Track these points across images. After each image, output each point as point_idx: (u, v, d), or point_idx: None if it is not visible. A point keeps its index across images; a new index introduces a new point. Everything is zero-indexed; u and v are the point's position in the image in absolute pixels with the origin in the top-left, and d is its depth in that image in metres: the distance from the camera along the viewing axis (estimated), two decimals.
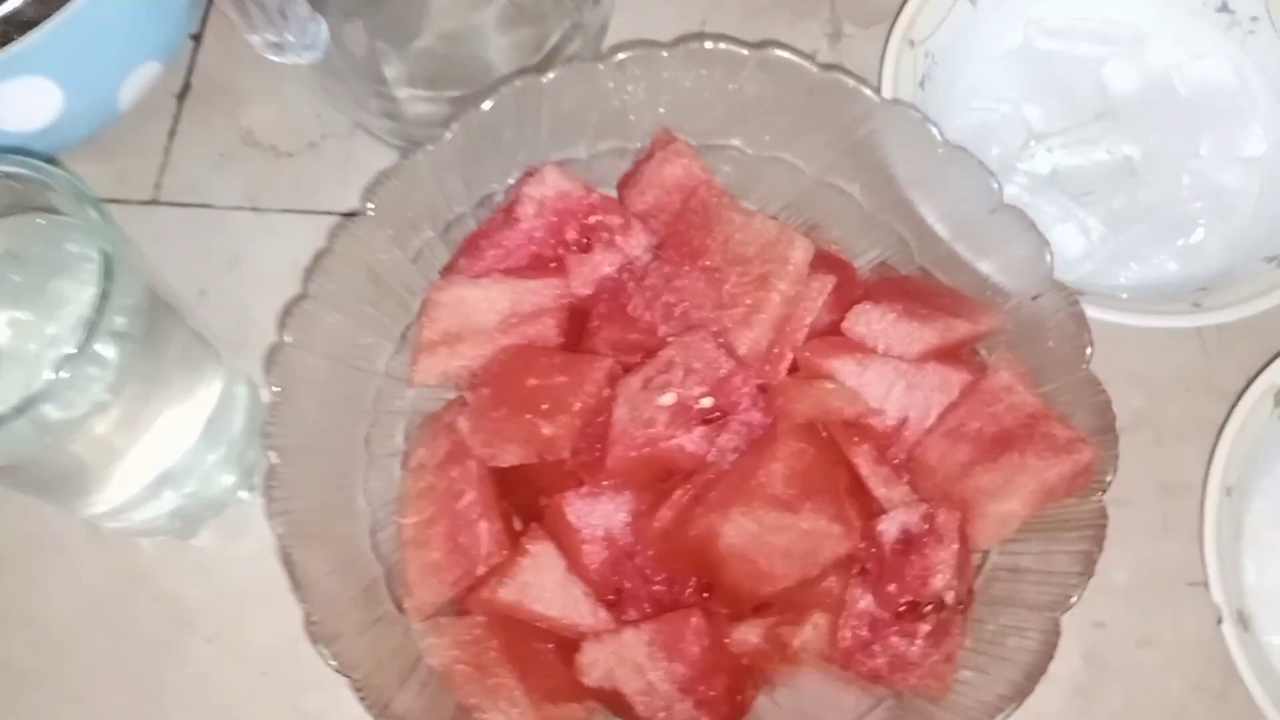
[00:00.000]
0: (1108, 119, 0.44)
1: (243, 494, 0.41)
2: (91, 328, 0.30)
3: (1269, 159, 0.43)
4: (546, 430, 0.34)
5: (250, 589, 0.40)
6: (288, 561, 0.31)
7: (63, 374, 0.30)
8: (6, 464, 0.33)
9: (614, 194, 0.40)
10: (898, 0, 0.48)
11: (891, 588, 0.32)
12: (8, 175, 0.32)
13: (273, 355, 0.34)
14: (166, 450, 0.37)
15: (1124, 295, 0.41)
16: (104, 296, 0.31)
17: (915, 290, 0.37)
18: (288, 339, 0.34)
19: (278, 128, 0.47)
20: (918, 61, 0.42)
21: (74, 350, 0.30)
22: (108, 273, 0.31)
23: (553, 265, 0.38)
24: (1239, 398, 0.38)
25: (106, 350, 0.31)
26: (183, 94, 0.48)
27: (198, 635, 0.40)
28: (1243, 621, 0.36)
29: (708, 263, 0.36)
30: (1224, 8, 0.44)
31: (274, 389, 0.33)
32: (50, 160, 0.33)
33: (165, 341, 0.35)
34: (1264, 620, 0.37)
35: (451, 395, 0.39)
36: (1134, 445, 0.42)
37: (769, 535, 0.32)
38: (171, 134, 0.47)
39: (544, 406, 0.34)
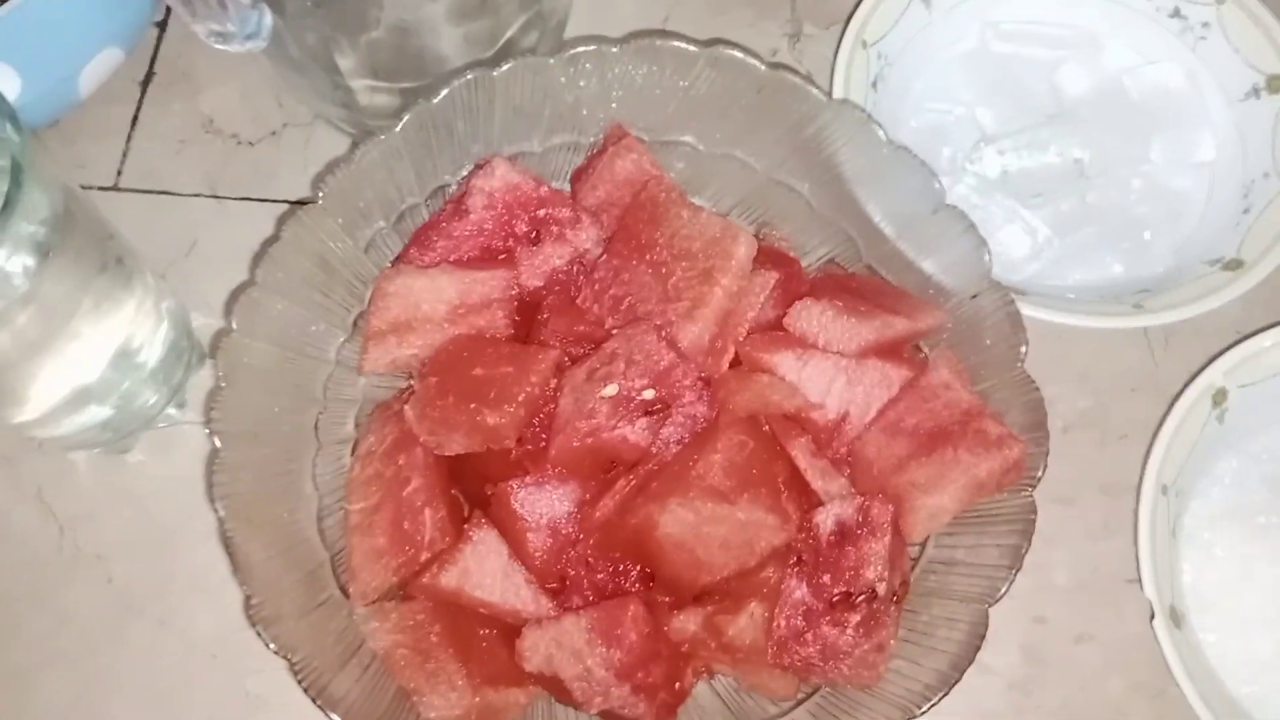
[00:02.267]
0: (1059, 122, 0.45)
1: (172, 411, 0.42)
2: None
3: (1218, 164, 0.44)
4: (491, 419, 0.34)
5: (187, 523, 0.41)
6: (228, 545, 0.32)
7: None
8: None
9: (568, 187, 0.41)
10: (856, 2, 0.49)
11: (825, 578, 0.33)
12: None
13: (218, 342, 0.34)
14: (85, 364, 0.38)
15: (1071, 296, 0.42)
16: (7, 203, 0.31)
17: (858, 287, 0.37)
18: (234, 325, 0.34)
19: (239, 116, 0.48)
20: (870, 62, 0.43)
21: None
22: (15, 181, 0.31)
23: (502, 257, 0.38)
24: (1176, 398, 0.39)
25: (17, 257, 0.32)
26: (146, 81, 0.48)
27: (146, 617, 0.40)
28: (1175, 618, 0.36)
29: (655, 257, 0.37)
30: (1176, 13, 0.45)
31: (219, 375, 0.34)
32: None
33: (83, 258, 0.36)
34: (1199, 618, 0.38)
35: (403, 384, 0.39)
36: (1078, 444, 0.43)
37: (707, 525, 0.33)
38: (133, 121, 0.48)
39: (490, 395, 0.35)
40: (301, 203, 0.46)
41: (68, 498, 0.42)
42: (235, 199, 0.46)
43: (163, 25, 0.49)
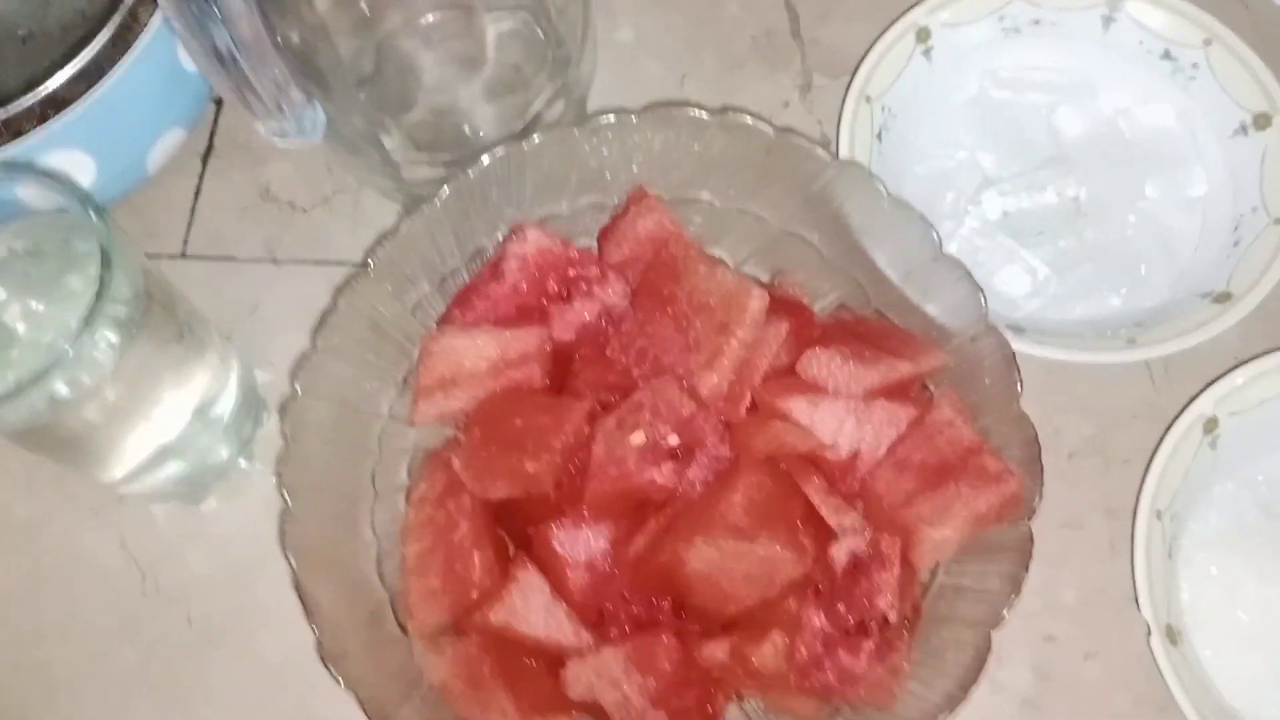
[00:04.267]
0: (1057, 163, 0.47)
1: (242, 463, 0.46)
2: (92, 314, 0.35)
3: (1210, 199, 0.46)
4: (530, 467, 0.38)
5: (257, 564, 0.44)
6: (300, 591, 0.35)
7: (69, 353, 0.34)
8: (26, 429, 0.37)
9: (594, 245, 0.44)
10: (865, 49, 0.52)
11: (841, 607, 0.36)
12: (25, 182, 0.37)
13: (285, 405, 0.38)
14: (166, 425, 0.41)
15: (1071, 331, 0.45)
16: (102, 286, 0.35)
17: (866, 332, 0.40)
18: (298, 390, 0.38)
19: (294, 184, 0.52)
20: (875, 115, 0.46)
21: (78, 333, 0.34)
22: (105, 265, 0.35)
23: (537, 315, 0.42)
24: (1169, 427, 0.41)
25: (107, 335, 0.36)
26: (206, 154, 0.52)
27: (223, 649, 0.44)
28: (1172, 636, 0.39)
29: (676, 310, 0.40)
30: (1166, 55, 0.47)
31: (286, 436, 0.37)
32: None
33: (160, 330, 0.39)
34: (1197, 635, 0.40)
35: (450, 433, 0.43)
36: (1084, 471, 0.45)
37: (730, 561, 0.36)
38: (197, 192, 0.52)
39: (529, 445, 0.38)
40: (355, 264, 0.50)
41: (148, 545, 0.45)
42: (293, 262, 0.50)
43: (219, 102, 0.53)
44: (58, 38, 0.46)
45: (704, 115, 0.41)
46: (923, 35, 0.47)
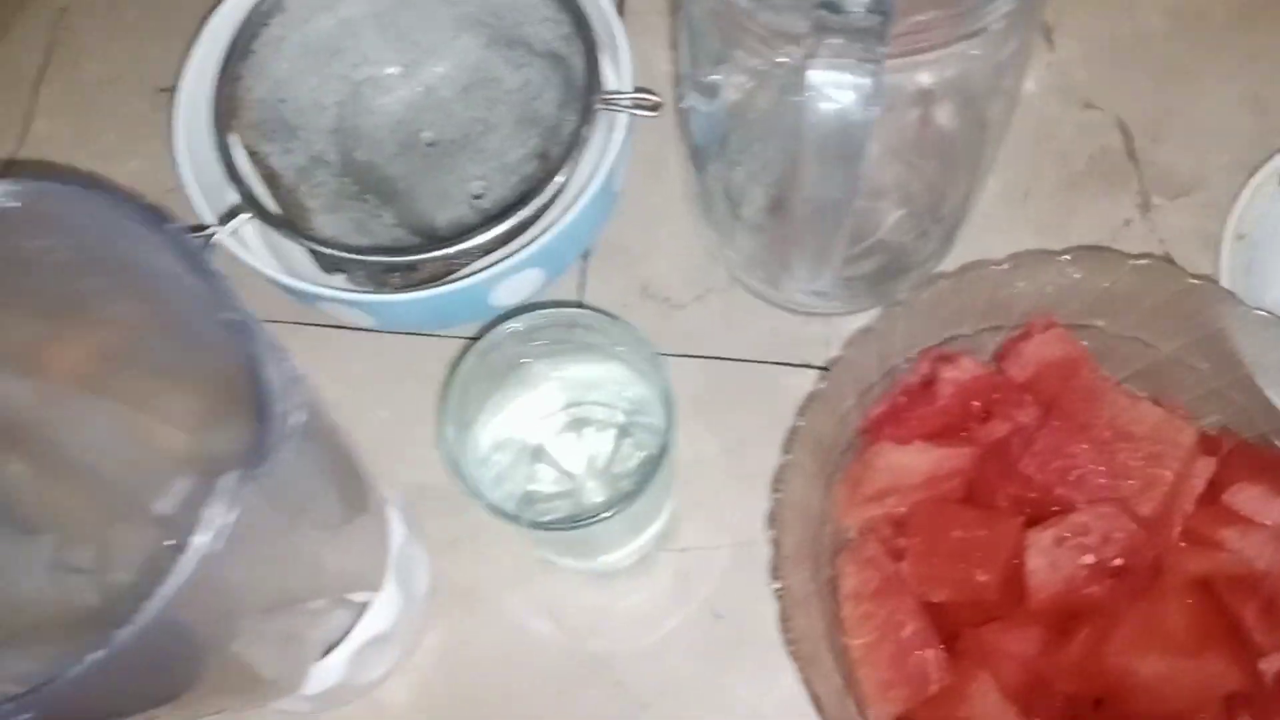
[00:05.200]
0: None
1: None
2: (664, 450, 0.41)
3: None
4: (981, 577, 0.43)
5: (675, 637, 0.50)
6: (807, 684, 0.40)
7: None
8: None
9: (984, 359, 0.48)
10: (1200, 174, 0.56)
11: None
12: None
13: (771, 514, 0.43)
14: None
15: None
16: (668, 429, 0.41)
17: (1274, 460, 0.44)
18: (778, 495, 0.43)
19: (669, 282, 0.57)
20: (1242, 251, 0.50)
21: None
22: (667, 407, 0.41)
23: (960, 431, 0.46)
24: None
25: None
26: (586, 255, 0.57)
27: (653, 712, 0.49)
28: None
29: (1096, 435, 0.44)
30: None
31: (772, 536, 0.42)
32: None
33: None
34: None
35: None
36: None
37: (1177, 673, 0.41)
38: (580, 288, 0.57)
39: (975, 555, 0.43)
40: (718, 357, 0.55)
41: (572, 612, 0.51)
42: (675, 355, 0.55)
43: None
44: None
45: (1126, 260, 0.45)
46: None
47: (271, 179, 0.50)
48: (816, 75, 0.34)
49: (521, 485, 0.47)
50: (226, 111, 0.50)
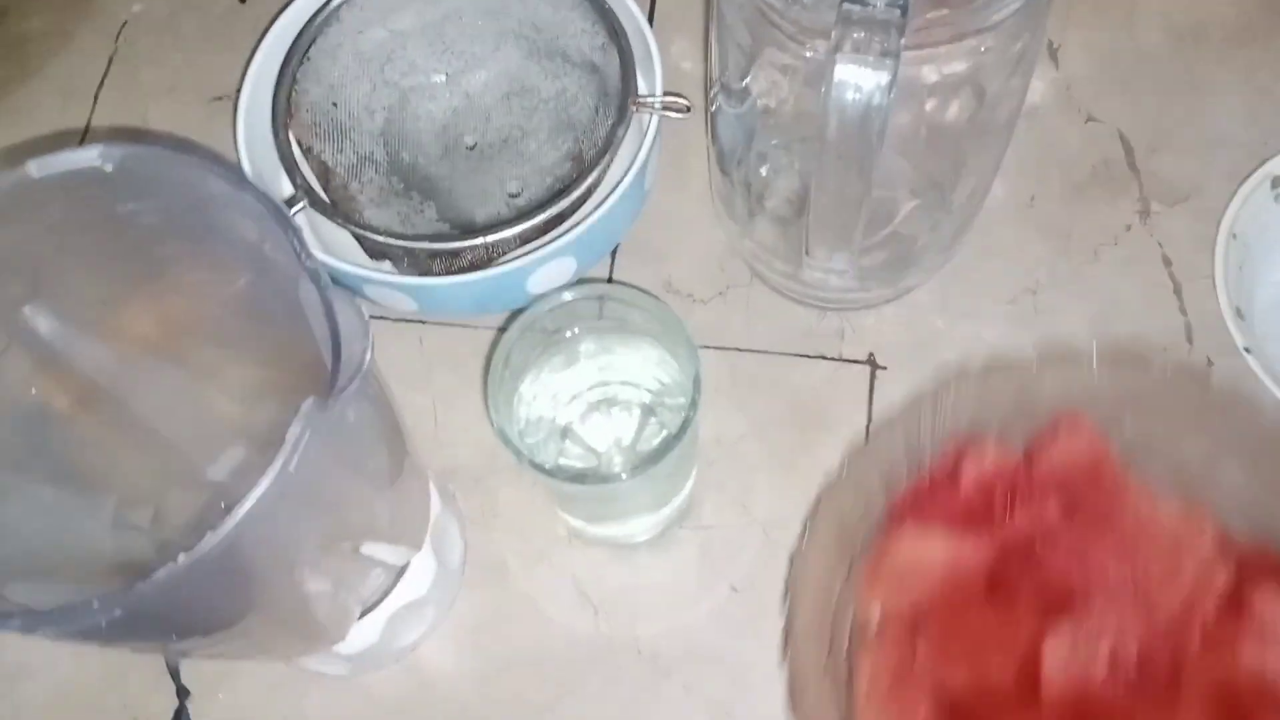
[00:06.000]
0: None
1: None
2: (686, 422, 0.42)
3: None
4: (997, 668, 0.43)
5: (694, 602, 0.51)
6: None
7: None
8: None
9: (1014, 446, 0.48)
10: (1197, 182, 0.59)
11: None
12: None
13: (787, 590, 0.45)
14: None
15: None
16: (692, 405, 0.42)
17: None
18: (794, 570, 0.44)
19: (692, 278, 0.59)
20: (1236, 250, 0.53)
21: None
22: (692, 364, 0.43)
23: (981, 519, 0.46)
24: None
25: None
26: (615, 250, 0.61)
27: (673, 680, 0.50)
28: None
29: (1118, 532, 0.45)
30: None
31: (786, 609, 0.43)
32: None
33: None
34: None
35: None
36: None
37: None
38: (608, 279, 0.60)
39: (992, 646, 0.43)
40: (737, 349, 0.56)
41: (596, 585, 0.53)
42: (697, 347, 0.58)
43: None
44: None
45: (1156, 369, 0.47)
46: (1276, 183, 0.54)
47: (324, 174, 0.54)
48: (841, 68, 0.35)
49: (552, 460, 0.50)
50: (284, 111, 0.53)
